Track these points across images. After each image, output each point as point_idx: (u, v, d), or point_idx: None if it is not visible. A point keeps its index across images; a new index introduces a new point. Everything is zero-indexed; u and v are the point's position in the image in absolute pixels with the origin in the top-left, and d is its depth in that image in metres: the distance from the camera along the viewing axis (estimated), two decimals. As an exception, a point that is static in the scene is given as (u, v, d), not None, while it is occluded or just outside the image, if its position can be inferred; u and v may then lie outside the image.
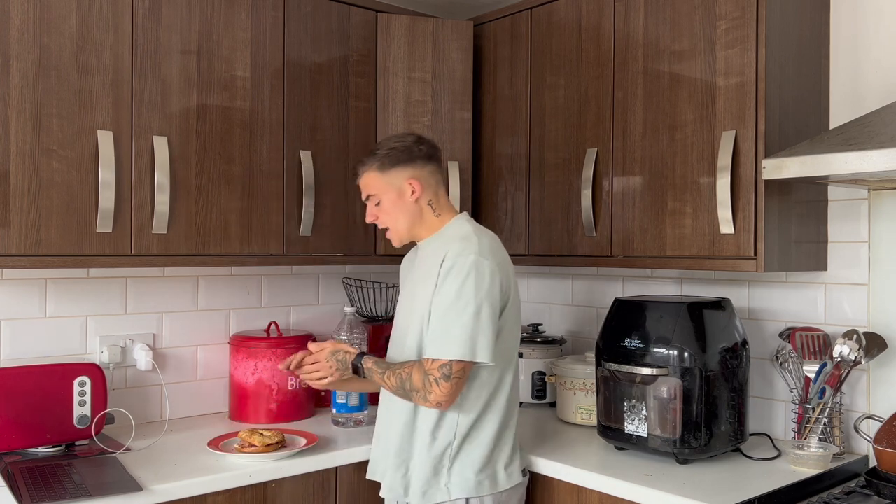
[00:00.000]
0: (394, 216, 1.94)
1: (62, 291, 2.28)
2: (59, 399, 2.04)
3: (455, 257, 1.81)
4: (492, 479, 1.87)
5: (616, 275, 2.71)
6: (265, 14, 2.29)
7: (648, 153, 2.19)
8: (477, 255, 1.81)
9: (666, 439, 1.98)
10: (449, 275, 1.80)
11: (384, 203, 1.94)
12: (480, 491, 1.84)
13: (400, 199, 1.93)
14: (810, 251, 2.11)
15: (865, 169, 1.65)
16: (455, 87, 2.59)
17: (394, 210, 1.94)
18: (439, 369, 1.77)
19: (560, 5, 2.44)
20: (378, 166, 1.94)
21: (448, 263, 1.81)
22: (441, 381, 1.76)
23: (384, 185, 1.93)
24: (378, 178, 1.94)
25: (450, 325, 1.78)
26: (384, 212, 1.95)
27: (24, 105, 1.88)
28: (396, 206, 1.93)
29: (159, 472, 1.89)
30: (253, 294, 2.67)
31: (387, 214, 1.95)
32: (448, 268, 1.81)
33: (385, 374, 1.86)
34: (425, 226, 1.96)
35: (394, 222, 1.95)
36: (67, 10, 1.94)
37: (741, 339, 2.09)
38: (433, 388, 1.77)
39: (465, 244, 1.84)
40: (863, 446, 2.06)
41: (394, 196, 1.93)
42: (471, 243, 1.84)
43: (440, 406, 1.79)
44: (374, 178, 1.94)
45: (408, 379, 1.81)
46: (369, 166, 1.95)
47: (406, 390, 1.82)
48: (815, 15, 2.12)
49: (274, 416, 2.42)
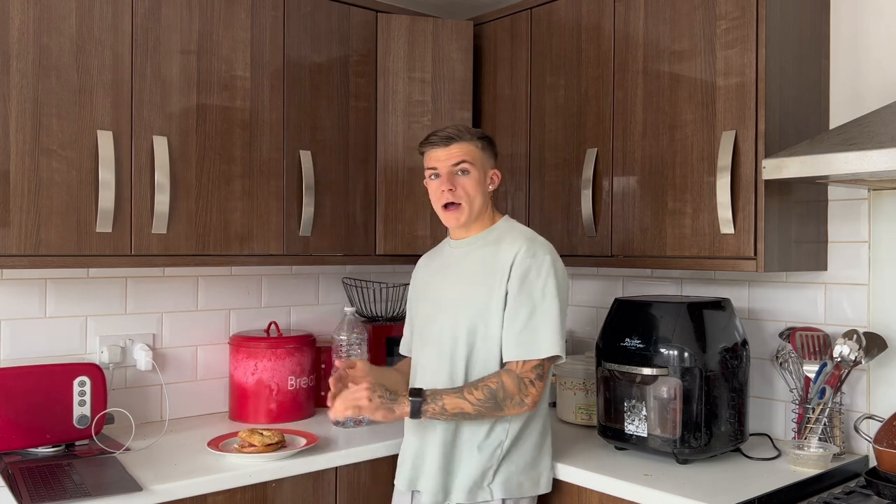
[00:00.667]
0: (474, 194, 1.92)
1: (62, 291, 2.28)
2: (59, 399, 2.04)
3: (531, 257, 1.83)
4: (533, 481, 1.90)
5: (616, 275, 2.71)
6: (265, 14, 2.29)
7: (648, 153, 2.19)
8: (552, 255, 1.86)
9: (666, 439, 1.98)
10: (528, 274, 1.82)
11: (473, 177, 1.91)
12: (521, 492, 1.88)
13: (483, 181, 1.93)
14: (810, 251, 2.11)
15: (865, 169, 1.65)
16: (455, 87, 2.59)
17: (477, 187, 1.92)
18: (533, 370, 1.78)
19: (560, 5, 2.44)
20: (480, 144, 1.94)
21: (524, 263, 1.82)
22: (536, 382, 1.79)
23: (479, 162, 1.93)
24: (477, 152, 1.93)
25: (538, 325, 1.79)
26: (469, 186, 1.91)
27: (24, 105, 1.88)
28: (480, 185, 1.92)
29: (159, 472, 1.89)
30: (253, 294, 2.67)
31: (471, 189, 1.91)
32: (526, 267, 1.82)
33: (464, 391, 1.78)
34: (481, 219, 1.97)
35: (471, 200, 1.92)
36: (67, 9, 1.94)
37: (741, 339, 2.09)
38: (530, 391, 1.78)
39: (534, 244, 1.86)
40: (863, 446, 2.06)
41: (482, 176, 1.93)
42: (540, 244, 1.88)
43: (535, 406, 1.81)
44: (474, 150, 1.92)
45: (499, 388, 1.77)
46: (471, 138, 1.92)
47: (498, 400, 1.77)
48: (815, 15, 2.12)
49: (274, 416, 2.42)
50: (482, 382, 1.79)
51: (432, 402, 1.76)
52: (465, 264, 1.95)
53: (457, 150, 1.91)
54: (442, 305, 1.95)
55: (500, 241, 1.91)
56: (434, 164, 1.92)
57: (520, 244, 1.86)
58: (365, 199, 2.52)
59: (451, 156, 1.91)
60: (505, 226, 1.97)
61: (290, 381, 2.45)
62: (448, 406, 1.77)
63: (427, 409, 1.76)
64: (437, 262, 2.06)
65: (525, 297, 1.81)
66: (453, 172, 1.91)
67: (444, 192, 1.90)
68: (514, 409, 1.79)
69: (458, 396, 1.77)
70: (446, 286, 1.97)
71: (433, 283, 2.02)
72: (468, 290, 1.90)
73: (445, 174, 1.91)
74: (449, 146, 1.91)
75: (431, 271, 2.06)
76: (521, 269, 1.82)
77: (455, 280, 1.95)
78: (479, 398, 1.77)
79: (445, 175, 1.91)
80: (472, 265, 1.93)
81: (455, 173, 1.91)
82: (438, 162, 1.91)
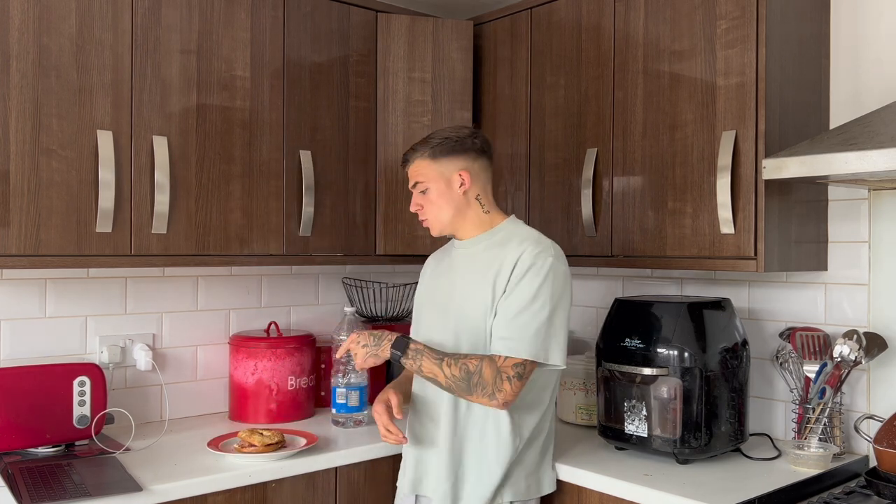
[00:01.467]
0: (438, 207, 1.91)
1: (62, 291, 2.28)
2: (59, 399, 2.04)
3: (534, 257, 1.79)
4: (538, 482, 1.90)
5: (616, 275, 2.71)
6: (265, 14, 2.29)
7: (648, 153, 2.19)
8: (555, 258, 1.81)
9: (666, 439, 1.98)
10: (527, 274, 1.78)
11: (431, 192, 1.91)
12: (528, 494, 1.88)
13: (448, 190, 1.90)
14: (810, 251, 2.11)
15: (865, 169, 1.65)
16: (455, 87, 2.59)
17: (439, 200, 1.90)
18: (513, 367, 1.74)
19: (560, 5, 2.44)
20: (430, 154, 1.90)
21: (526, 262, 1.79)
22: (514, 380, 1.74)
23: (434, 174, 1.90)
24: (429, 167, 1.90)
25: (526, 325, 1.75)
26: (429, 202, 1.91)
27: (24, 105, 1.88)
28: (443, 196, 1.90)
29: (159, 472, 1.89)
30: (253, 294, 2.67)
31: (432, 204, 1.91)
32: (526, 267, 1.78)
33: (444, 361, 1.76)
34: (470, 221, 1.93)
35: (437, 213, 1.91)
36: (67, 9, 1.94)
37: (741, 339, 2.09)
38: (504, 386, 1.73)
39: (541, 246, 1.82)
40: (863, 446, 2.06)
41: (442, 186, 1.90)
42: (546, 245, 1.84)
43: (506, 406, 1.75)
44: (424, 165, 1.91)
45: (477, 371, 1.73)
46: (421, 154, 1.91)
47: (471, 383, 1.74)
48: (815, 15, 2.12)
49: (274, 416, 2.42)
50: (464, 360, 1.76)
51: (412, 358, 1.78)
52: (470, 266, 1.91)
53: (412, 169, 1.94)
54: (447, 311, 1.92)
55: (507, 243, 1.87)
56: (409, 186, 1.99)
57: (525, 245, 1.83)
58: (365, 199, 2.52)
59: (410, 177, 1.95)
60: (511, 227, 1.94)
61: (290, 381, 2.45)
62: (424, 368, 1.78)
63: (406, 363, 1.79)
64: (444, 263, 2.03)
65: (518, 294, 1.78)
66: (417, 192, 1.94)
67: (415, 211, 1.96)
68: (483, 399, 1.75)
69: (437, 363, 1.76)
70: (452, 289, 1.94)
71: (440, 287, 1.99)
72: (472, 293, 1.86)
73: (414, 195, 1.96)
74: (407, 166, 1.96)
75: (438, 273, 2.03)
76: (521, 268, 1.79)
77: (460, 283, 1.92)
78: (454, 374, 1.75)
79: (413, 195, 1.95)
80: (477, 266, 1.89)
81: (418, 193, 1.94)
82: (409, 181, 1.97)
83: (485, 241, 1.92)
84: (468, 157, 1.91)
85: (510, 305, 1.78)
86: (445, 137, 1.91)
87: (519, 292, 1.77)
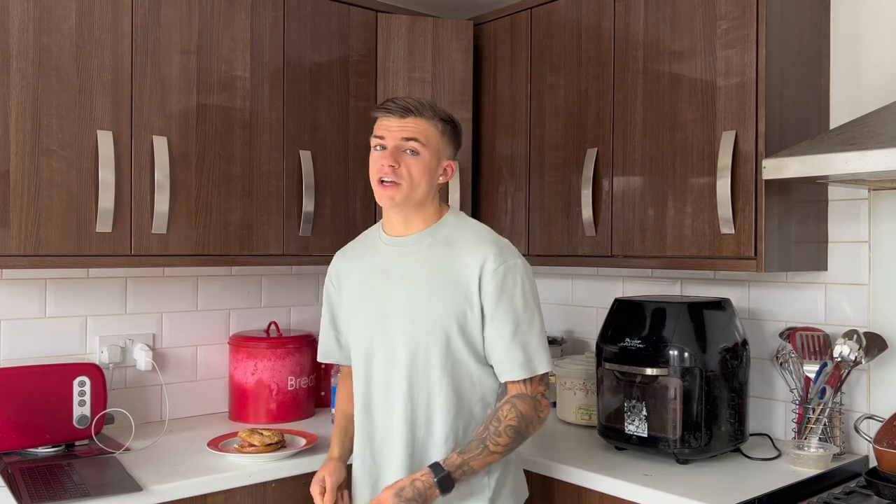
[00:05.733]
0: (419, 178, 1.66)
1: (62, 291, 2.28)
2: (59, 399, 2.04)
3: (504, 266, 1.64)
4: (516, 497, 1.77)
5: (616, 275, 2.71)
6: (265, 14, 2.29)
7: (648, 153, 2.19)
8: (519, 257, 1.69)
9: (666, 439, 1.98)
10: (504, 287, 1.63)
11: (421, 160, 1.66)
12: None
13: (435, 170, 1.69)
14: (810, 251, 2.11)
15: (865, 169, 1.65)
16: (455, 87, 2.59)
17: (424, 173, 1.67)
18: (539, 384, 1.66)
19: (560, 5, 2.44)
20: (441, 127, 1.70)
21: (499, 274, 1.63)
22: (546, 392, 1.68)
23: (434, 146, 1.69)
24: (435, 135, 1.69)
25: (528, 340, 1.64)
26: (415, 167, 1.66)
27: (24, 105, 1.88)
28: (429, 172, 1.68)
29: (159, 472, 1.89)
30: (253, 294, 2.67)
31: (416, 171, 1.66)
32: (501, 277, 1.63)
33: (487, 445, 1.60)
34: (424, 212, 1.72)
35: (415, 183, 1.66)
36: (67, 9, 1.94)
37: (741, 339, 2.09)
38: (543, 404, 1.66)
39: (501, 248, 1.67)
40: (863, 446, 2.06)
41: (434, 163, 1.69)
42: (505, 246, 1.69)
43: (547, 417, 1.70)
44: (432, 130, 1.68)
45: (521, 421, 1.61)
46: (431, 116, 1.68)
47: (522, 432, 1.63)
48: (815, 15, 2.12)
49: (274, 416, 2.42)
50: (502, 425, 1.61)
51: (461, 476, 1.59)
52: (414, 267, 1.69)
53: (412, 125, 1.66)
54: (389, 317, 1.70)
55: (455, 242, 1.69)
56: (382, 133, 1.67)
57: (486, 249, 1.65)
58: (365, 199, 2.52)
59: (404, 129, 1.66)
60: (455, 221, 1.74)
61: (290, 381, 2.45)
62: (477, 467, 1.61)
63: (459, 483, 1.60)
64: (367, 261, 1.78)
65: (506, 312, 1.63)
66: (402, 149, 1.66)
67: (383, 166, 1.65)
68: (535, 430, 1.66)
69: (484, 453, 1.60)
70: (390, 294, 1.70)
71: (372, 288, 1.74)
72: (429, 302, 1.66)
73: (391, 148, 1.66)
74: (404, 118, 1.66)
75: (363, 273, 1.77)
76: (496, 280, 1.63)
77: (403, 287, 1.69)
78: (505, 444, 1.61)
79: (391, 149, 1.66)
80: (423, 269, 1.68)
81: (403, 150, 1.66)
82: (388, 132, 1.66)
83: (427, 237, 1.71)
84: (455, 151, 1.77)
85: (504, 327, 1.63)
86: (452, 119, 1.74)
87: (507, 309, 1.63)
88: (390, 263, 1.73)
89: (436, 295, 1.65)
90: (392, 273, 1.71)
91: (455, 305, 1.64)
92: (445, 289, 1.65)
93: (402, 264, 1.71)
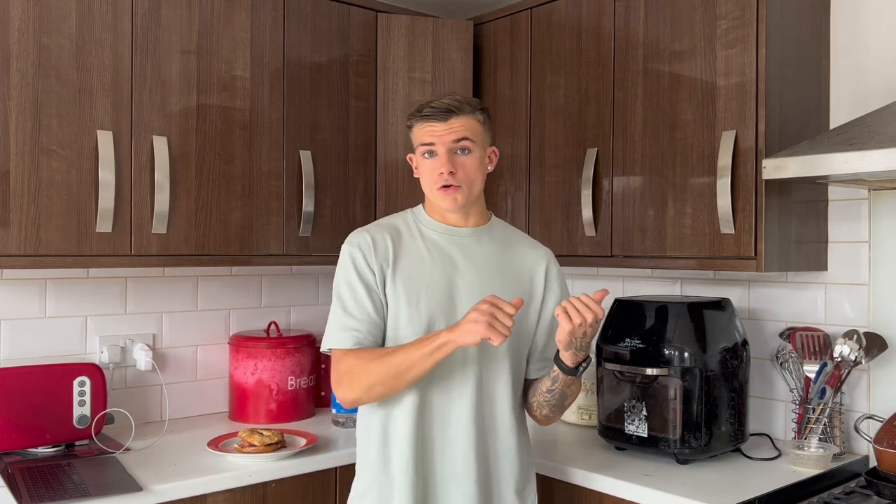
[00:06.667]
0: (475, 175, 1.67)
1: (62, 291, 2.28)
2: (59, 399, 2.04)
3: (552, 263, 1.78)
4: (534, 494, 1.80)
5: (616, 275, 2.71)
6: (265, 14, 2.29)
7: (648, 153, 2.19)
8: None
9: (666, 439, 1.98)
10: (558, 282, 1.77)
11: (474, 157, 1.66)
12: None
13: (485, 162, 1.70)
14: (810, 251, 2.11)
15: (865, 169, 1.65)
16: (455, 87, 2.58)
17: (479, 169, 1.68)
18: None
19: (560, 5, 2.44)
20: (481, 117, 1.69)
21: (560, 274, 1.79)
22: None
23: (481, 139, 1.68)
24: (479, 129, 1.68)
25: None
26: (470, 166, 1.66)
27: (24, 105, 1.88)
28: (482, 166, 1.69)
29: (159, 472, 1.89)
30: (253, 294, 2.67)
31: (472, 171, 1.66)
32: (555, 274, 1.77)
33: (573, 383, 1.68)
34: (479, 204, 1.75)
35: (473, 182, 1.67)
36: (67, 9, 1.94)
37: (741, 339, 2.09)
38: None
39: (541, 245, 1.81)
40: (863, 446, 2.06)
41: (483, 156, 1.69)
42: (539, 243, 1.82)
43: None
44: (475, 125, 1.67)
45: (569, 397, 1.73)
46: (472, 111, 1.67)
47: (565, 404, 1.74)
48: (815, 15, 2.12)
49: (274, 416, 2.42)
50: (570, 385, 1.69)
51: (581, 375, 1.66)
52: (481, 258, 1.70)
53: (458, 124, 1.64)
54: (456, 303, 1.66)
55: (511, 242, 1.76)
56: (430, 140, 1.65)
57: (543, 251, 1.79)
58: (365, 199, 2.52)
59: (452, 131, 1.64)
60: (500, 222, 1.82)
61: (290, 381, 2.45)
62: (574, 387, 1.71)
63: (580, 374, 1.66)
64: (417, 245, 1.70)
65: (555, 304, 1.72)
66: (453, 151, 1.65)
67: (442, 173, 1.64)
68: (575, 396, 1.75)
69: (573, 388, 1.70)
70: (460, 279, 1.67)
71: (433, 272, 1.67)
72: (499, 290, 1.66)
73: (444, 153, 1.64)
74: (448, 120, 1.64)
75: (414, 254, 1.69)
76: (560, 280, 1.78)
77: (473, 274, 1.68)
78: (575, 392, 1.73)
79: (444, 154, 1.64)
80: (491, 259, 1.71)
81: (455, 151, 1.65)
82: (435, 137, 1.64)
83: (487, 233, 1.75)
84: (493, 136, 1.76)
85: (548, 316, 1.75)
86: (485, 108, 1.72)
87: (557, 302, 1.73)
88: (453, 251, 1.70)
89: (507, 286, 1.70)
90: (457, 260, 1.69)
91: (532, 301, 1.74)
92: (513, 282, 1.72)
93: (468, 254, 1.71)
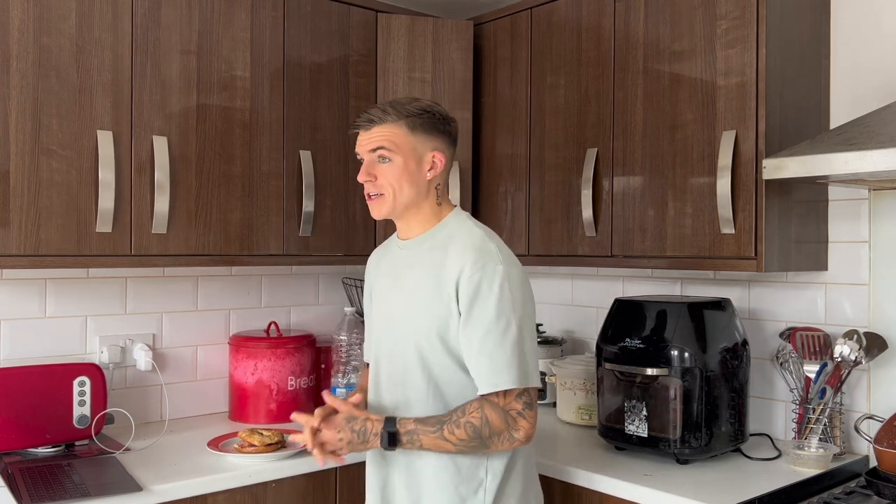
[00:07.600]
0: (398, 184, 1.64)
1: (62, 291, 2.28)
2: (59, 399, 2.04)
3: (480, 271, 1.56)
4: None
5: (616, 275, 2.71)
6: (265, 14, 2.29)
7: (648, 153, 2.19)
8: (504, 263, 1.58)
9: (666, 439, 1.98)
10: (479, 293, 1.55)
11: (395, 166, 1.63)
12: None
13: (417, 169, 1.65)
14: (810, 251, 2.11)
15: (865, 169, 1.65)
16: (455, 87, 2.59)
17: (402, 177, 1.64)
18: (516, 400, 1.55)
19: (560, 5, 2.44)
20: (408, 124, 1.64)
21: (474, 278, 1.55)
22: (526, 412, 1.55)
23: (406, 146, 1.64)
24: (403, 136, 1.64)
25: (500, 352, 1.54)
26: (390, 174, 1.63)
27: (24, 105, 1.88)
28: (409, 174, 1.64)
29: (159, 472, 1.89)
30: (253, 294, 2.67)
31: (393, 178, 1.64)
32: (475, 284, 1.55)
33: (443, 429, 1.53)
34: (422, 213, 1.69)
35: (396, 191, 1.64)
36: (67, 9, 1.94)
37: (741, 339, 2.09)
38: (520, 424, 1.55)
39: (483, 254, 1.58)
40: (863, 446, 2.06)
41: (412, 164, 1.64)
42: (490, 252, 1.59)
43: (530, 440, 1.58)
44: (398, 133, 1.63)
45: (484, 424, 1.52)
46: (395, 118, 1.63)
47: (484, 437, 1.53)
48: (815, 15, 2.12)
49: (274, 416, 2.42)
50: (464, 418, 1.53)
51: (409, 443, 1.55)
52: (413, 272, 1.67)
53: (381, 131, 1.64)
54: (393, 319, 1.69)
55: (448, 244, 1.64)
56: (357, 150, 1.69)
57: (467, 256, 1.58)
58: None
59: (371, 140, 1.65)
60: (453, 223, 1.69)
61: (290, 381, 2.45)
62: (426, 445, 1.55)
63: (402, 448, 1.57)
64: (385, 263, 1.78)
65: (478, 319, 1.54)
66: (373, 160, 1.65)
67: (364, 182, 1.68)
68: (505, 445, 1.56)
69: (438, 436, 1.54)
70: (395, 297, 1.70)
71: (383, 290, 1.74)
72: (418, 307, 1.63)
73: (366, 162, 1.66)
74: (369, 130, 1.65)
75: (380, 274, 1.78)
76: (470, 287, 1.55)
77: (404, 291, 1.68)
78: (461, 438, 1.53)
79: (366, 163, 1.66)
80: (420, 274, 1.65)
81: (375, 161, 1.65)
82: (360, 147, 1.67)
83: (428, 240, 1.68)
84: (443, 140, 1.68)
85: (474, 334, 1.55)
86: (425, 110, 1.66)
87: (479, 316, 1.55)
88: (398, 266, 1.72)
89: (428, 300, 1.62)
90: (398, 276, 1.71)
91: (440, 312, 1.60)
92: (434, 295, 1.61)
93: (405, 267, 1.70)
